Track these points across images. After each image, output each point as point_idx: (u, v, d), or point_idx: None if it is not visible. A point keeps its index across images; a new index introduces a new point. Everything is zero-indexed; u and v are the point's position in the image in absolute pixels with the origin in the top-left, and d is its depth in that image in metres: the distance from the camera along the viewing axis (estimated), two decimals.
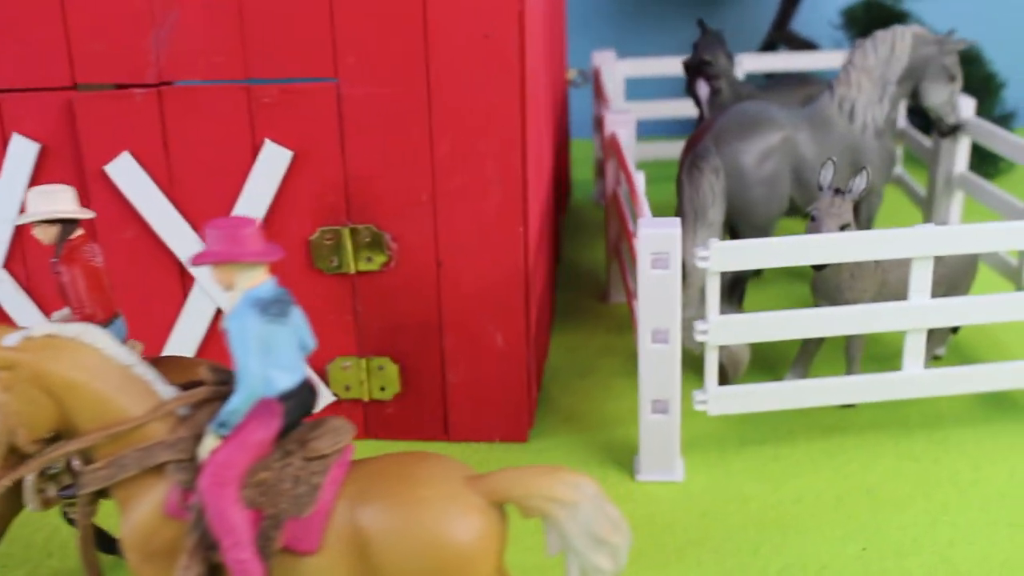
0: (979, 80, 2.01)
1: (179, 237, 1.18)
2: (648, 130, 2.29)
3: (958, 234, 1.11)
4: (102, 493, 0.81)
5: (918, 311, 1.13)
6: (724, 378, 1.33)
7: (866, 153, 1.41)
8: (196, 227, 1.18)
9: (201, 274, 1.19)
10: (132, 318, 1.17)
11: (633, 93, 2.10)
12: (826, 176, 1.21)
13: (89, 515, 0.86)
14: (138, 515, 0.76)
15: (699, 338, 1.12)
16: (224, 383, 0.79)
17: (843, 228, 1.18)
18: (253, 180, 1.16)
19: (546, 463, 1.18)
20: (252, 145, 1.15)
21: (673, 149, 1.95)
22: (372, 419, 1.25)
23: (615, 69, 1.97)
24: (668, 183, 1.61)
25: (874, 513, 1.08)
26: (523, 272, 1.17)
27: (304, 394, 0.79)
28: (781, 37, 2.17)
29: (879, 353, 1.38)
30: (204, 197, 1.17)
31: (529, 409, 1.24)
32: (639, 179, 1.27)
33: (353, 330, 1.21)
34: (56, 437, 0.78)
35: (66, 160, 1.18)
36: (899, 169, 1.81)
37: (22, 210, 1.17)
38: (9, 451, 0.76)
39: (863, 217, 1.45)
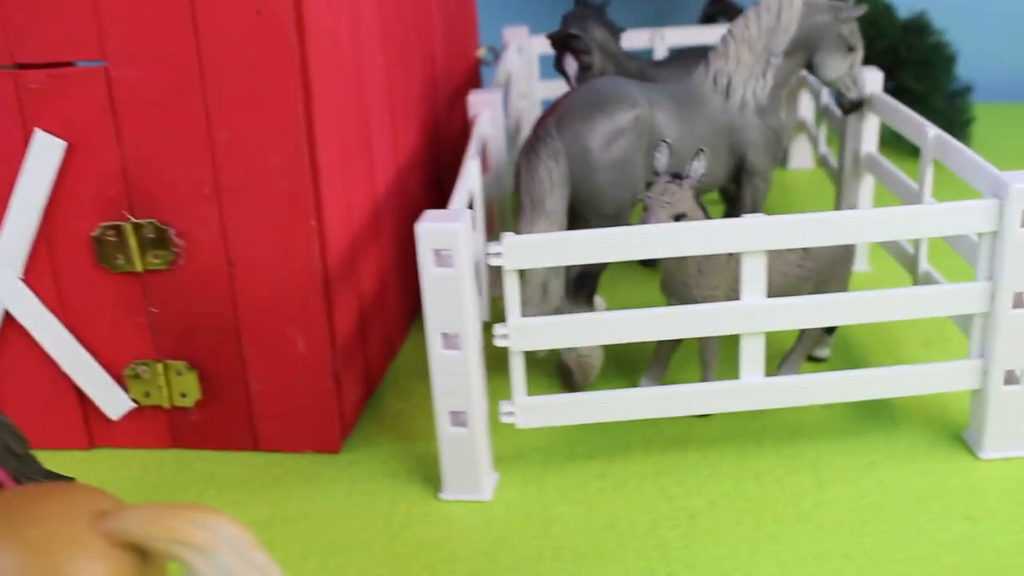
0: (926, 51, 1.84)
1: None
2: None
3: (789, 224, 0.97)
4: None
5: (752, 313, 1.00)
6: (572, 384, 1.21)
7: (745, 133, 1.27)
8: None
9: None
10: None
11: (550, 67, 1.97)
12: (660, 160, 1.08)
13: None
14: None
15: (497, 343, 1.00)
16: None
17: (678, 218, 1.05)
18: (27, 173, 1.06)
19: (351, 480, 1.08)
20: (24, 135, 1.06)
21: None
22: (177, 427, 1.16)
23: (529, 45, 1.85)
24: None
25: (688, 542, 0.96)
26: (321, 272, 1.07)
27: None
28: (720, 9, 2.02)
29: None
30: None
31: (341, 418, 1.13)
32: (469, 168, 1.15)
33: (148, 333, 1.11)
34: None
35: None
36: (823, 148, 1.67)
37: None
38: None
39: (746, 203, 1.31)
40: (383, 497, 1.05)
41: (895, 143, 1.87)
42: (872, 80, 1.39)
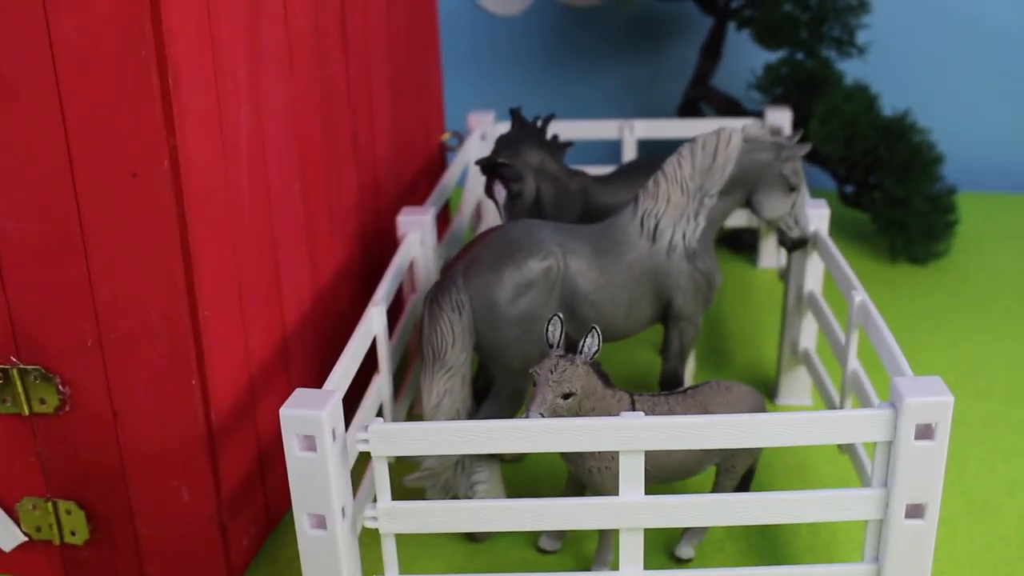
0: (907, 154, 1.77)
1: None
2: None
3: (668, 427, 0.94)
4: None
5: (629, 510, 0.96)
6: (473, 538, 1.18)
7: (673, 278, 1.23)
8: None
9: None
10: None
11: None
12: (553, 333, 1.04)
13: None
14: None
15: (367, 524, 0.98)
16: None
17: (566, 397, 1.02)
18: None
19: None
20: None
21: None
22: (69, 563, 1.15)
23: (494, 131, 1.81)
24: None
25: None
26: (204, 427, 1.05)
27: None
28: (701, 94, 1.97)
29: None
30: None
31: (228, 564, 1.12)
32: (377, 314, 1.13)
33: (38, 471, 1.11)
34: None
35: None
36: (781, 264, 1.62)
37: None
38: None
39: (673, 348, 1.27)
40: None
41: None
42: (817, 217, 1.34)
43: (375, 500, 0.98)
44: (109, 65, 0.93)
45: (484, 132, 1.78)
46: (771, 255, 1.84)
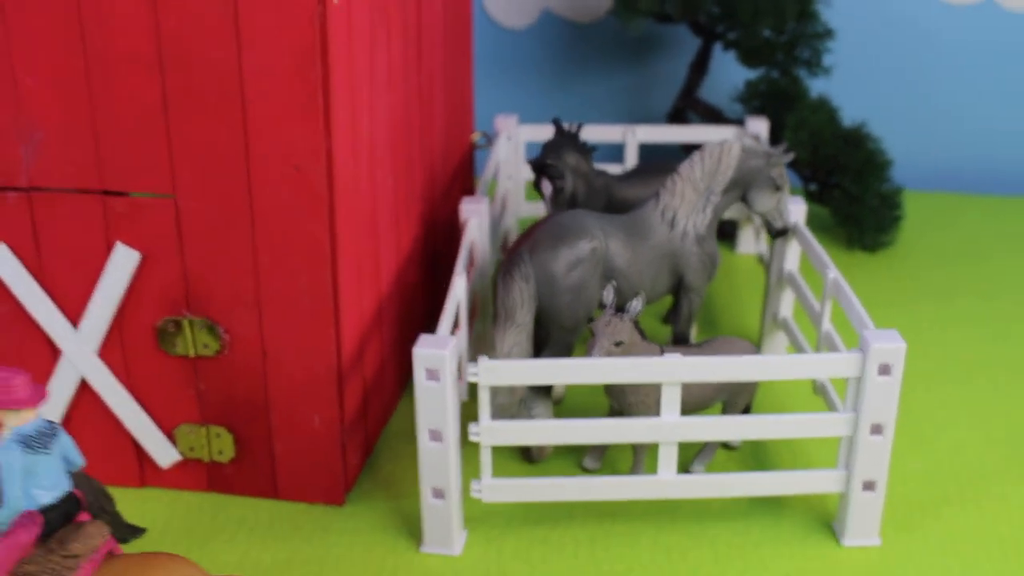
0: (861, 160, 2.13)
1: (48, 315, 1.37)
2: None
3: (700, 364, 1.27)
4: None
5: (663, 428, 1.30)
6: (530, 458, 1.50)
7: (685, 258, 1.56)
8: (63, 308, 1.37)
9: (68, 347, 1.38)
10: None
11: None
12: (607, 296, 1.37)
13: None
14: None
15: (472, 439, 1.29)
16: None
17: (618, 344, 1.34)
18: (108, 275, 1.34)
19: (351, 528, 1.38)
20: (106, 245, 1.33)
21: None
22: (213, 477, 1.44)
23: (517, 133, 2.13)
24: None
25: None
26: (336, 369, 1.35)
27: (66, 505, 0.98)
28: (688, 104, 2.30)
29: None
30: (71, 286, 1.36)
31: (345, 478, 1.42)
32: (458, 284, 1.44)
33: (195, 403, 1.40)
34: None
35: None
36: (763, 247, 1.96)
37: None
38: None
39: (683, 313, 1.60)
40: (377, 546, 1.34)
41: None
42: (796, 211, 1.68)
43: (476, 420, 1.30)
44: (284, 84, 1.22)
45: (509, 134, 2.09)
46: (749, 242, 2.18)
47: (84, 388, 1.41)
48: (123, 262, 1.34)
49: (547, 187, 1.64)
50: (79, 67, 1.26)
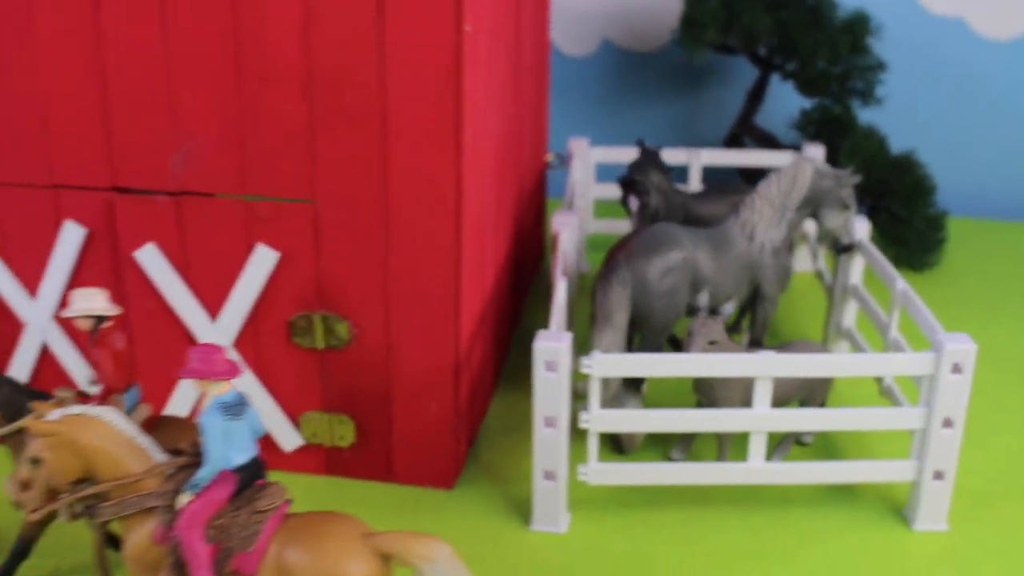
0: (910, 185, 2.27)
1: (188, 307, 1.51)
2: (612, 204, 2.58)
3: (788, 360, 1.40)
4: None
5: (757, 418, 1.43)
6: (622, 448, 1.63)
7: (762, 269, 1.69)
8: (205, 304, 1.51)
9: (205, 338, 1.51)
10: (151, 373, 1.52)
11: (605, 173, 2.40)
12: (702, 299, 1.50)
13: (102, 531, 1.20)
14: (135, 539, 1.10)
15: (582, 425, 1.42)
16: (199, 454, 1.11)
17: (712, 343, 1.47)
18: (249, 272, 1.48)
19: (462, 509, 1.50)
20: (248, 245, 1.47)
21: (627, 227, 2.26)
22: (332, 461, 1.57)
23: (588, 155, 2.27)
24: None
25: (705, 571, 1.38)
26: (454, 362, 1.48)
27: (254, 467, 1.11)
28: (745, 131, 2.45)
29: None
30: (211, 281, 1.50)
31: (455, 464, 1.55)
32: (561, 287, 1.57)
33: (320, 392, 1.53)
34: (82, 481, 1.11)
35: (105, 244, 1.52)
36: (820, 264, 2.09)
37: (64, 303, 1.48)
38: (50, 490, 1.09)
39: (758, 320, 1.74)
40: (488, 525, 1.47)
41: None
42: (860, 228, 1.81)
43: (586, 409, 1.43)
44: (423, 105, 1.36)
45: (581, 154, 2.23)
46: (805, 260, 2.31)
47: None
48: (263, 261, 1.47)
49: (634, 203, 1.77)
50: (233, 85, 1.41)
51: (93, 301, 1.25)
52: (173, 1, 1.39)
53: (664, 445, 1.65)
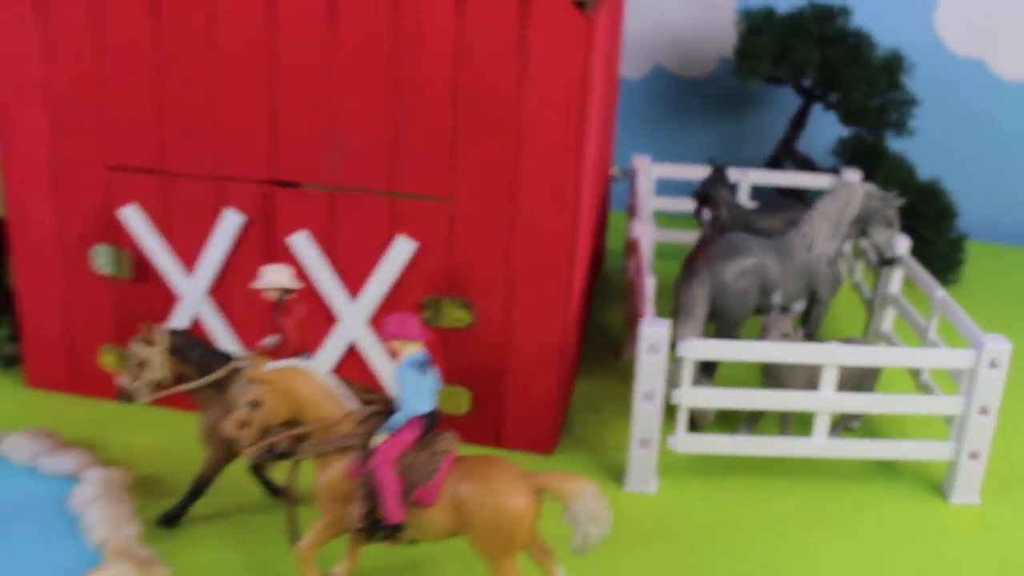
0: (937, 210, 2.53)
1: (333, 291, 1.74)
2: (670, 215, 2.83)
3: (850, 351, 1.64)
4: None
5: (823, 400, 1.67)
6: (695, 425, 1.87)
7: (818, 276, 1.94)
8: (347, 285, 1.74)
9: (345, 316, 1.74)
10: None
11: (663, 187, 2.66)
12: (776, 298, 1.75)
13: (295, 472, 1.42)
14: (330, 474, 1.32)
15: (674, 401, 1.66)
16: (383, 403, 1.34)
17: (784, 336, 1.72)
18: (387, 260, 1.71)
19: (564, 469, 1.73)
20: (389, 236, 1.71)
21: (683, 235, 2.52)
22: (449, 427, 1.79)
23: (649, 170, 2.52)
24: (676, 260, 2.18)
25: (774, 531, 1.62)
26: (561, 344, 1.72)
27: (433, 416, 1.34)
28: (786, 155, 2.70)
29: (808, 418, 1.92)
30: (354, 265, 1.73)
31: (555, 433, 1.79)
32: (650, 283, 1.81)
33: (442, 366, 1.76)
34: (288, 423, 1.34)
35: (259, 230, 1.75)
36: (857, 277, 2.35)
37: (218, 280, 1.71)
38: (263, 429, 1.32)
39: (812, 320, 1.98)
40: None
41: None
42: (901, 245, 2.07)
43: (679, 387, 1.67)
44: (553, 119, 1.60)
45: (644, 170, 2.48)
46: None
47: (351, 351, 1.77)
48: (401, 250, 1.71)
49: (707, 214, 2.02)
50: (388, 97, 1.64)
51: (281, 276, 1.48)
52: (341, 26, 1.62)
53: (730, 424, 1.89)
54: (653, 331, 1.61)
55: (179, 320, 1.82)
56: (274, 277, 1.48)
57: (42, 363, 1.91)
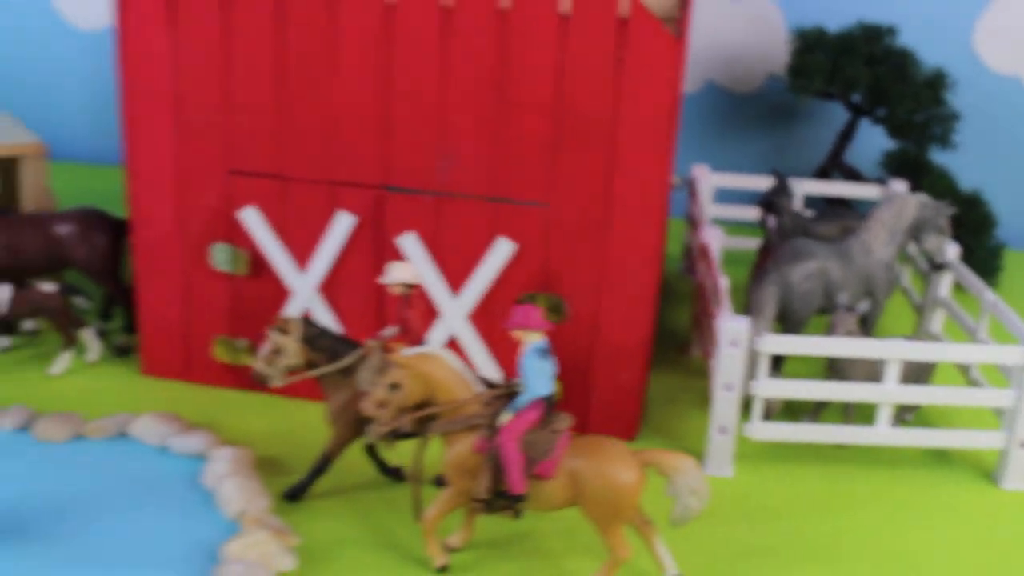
0: (978, 220, 2.68)
1: (436, 288, 1.90)
2: (726, 222, 2.99)
3: (912, 347, 1.80)
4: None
5: (887, 392, 1.83)
6: (766, 415, 2.03)
7: (875, 280, 2.10)
8: (450, 282, 1.90)
9: (447, 311, 1.91)
10: None
11: (721, 195, 2.82)
12: (842, 299, 1.91)
13: (422, 450, 1.57)
14: (458, 449, 1.48)
15: (751, 392, 1.82)
16: (508, 387, 1.51)
17: (848, 334, 1.88)
18: (488, 260, 1.87)
19: None
20: (490, 238, 1.87)
21: (737, 242, 2.69)
22: None
23: (708, 180, 2.68)
24: (737, 265, 2.32)
25: (841, 511, 1.78)
26: (645, 340, 1.88)
27: (552, 398, 1.50)
28: (835, 166, 2.86)
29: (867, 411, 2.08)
30: (457, 264, 1.89)
31: (637, 421, 1.95)
32: (724, 282, 1.97)
33: None
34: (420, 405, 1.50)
35: (369, 231, 1.91)
36: (905, 282, 2.51)
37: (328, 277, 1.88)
38: (399, 410, 1.48)
39: (870, 320, 2.14)
40: None
41: None
42: (951, 251, 2.22)
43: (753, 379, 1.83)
44: (645, 133, 1.76)
45: (704, 179, 2.64)
46: None
47: (451, 344, 1.94)
48: (501, 251, 1.87)
49: (772, 221, 2.18)
50: (492, 109, 1.80)
51: (405, 272, 1.65)
52: (453, 43, 1.78)
53: (794, 414, 2.05)
54: (734, 326, 1.77)
55: (291, 314, 1.98)
56: (399, 273, 1.64)
57: (159, 353, 2.08)
